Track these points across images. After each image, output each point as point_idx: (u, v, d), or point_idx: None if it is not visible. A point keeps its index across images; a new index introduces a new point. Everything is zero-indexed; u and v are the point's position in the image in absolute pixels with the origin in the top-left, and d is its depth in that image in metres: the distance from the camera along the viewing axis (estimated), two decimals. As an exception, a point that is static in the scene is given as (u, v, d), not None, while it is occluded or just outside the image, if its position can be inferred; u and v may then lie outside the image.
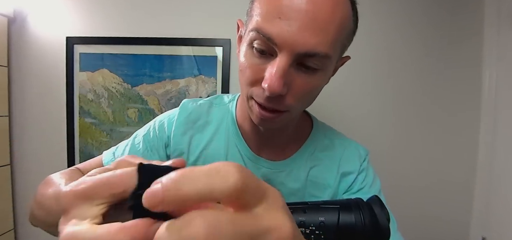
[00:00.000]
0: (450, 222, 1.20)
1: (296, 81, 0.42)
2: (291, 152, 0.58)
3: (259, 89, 0.43)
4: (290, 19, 0.38)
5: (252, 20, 0.43)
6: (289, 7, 0.39)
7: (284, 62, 0.40)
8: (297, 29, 0.38)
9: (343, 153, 0.59)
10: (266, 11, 0.40)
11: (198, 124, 0.58)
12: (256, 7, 0.43)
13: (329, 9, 0.39)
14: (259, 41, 0.41)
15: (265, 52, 0.42)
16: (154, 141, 0.58)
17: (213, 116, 0.60)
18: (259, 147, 0.57)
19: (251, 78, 0.44)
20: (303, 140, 0.59)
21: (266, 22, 0.40)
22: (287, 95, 0.43)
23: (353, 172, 0.58)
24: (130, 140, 0.60)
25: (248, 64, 0.44)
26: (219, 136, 0.58)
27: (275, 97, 0.42)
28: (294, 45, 0.39)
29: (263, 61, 0.42)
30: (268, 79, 0.40)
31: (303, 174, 0.57)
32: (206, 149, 0.57)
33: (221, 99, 0.63)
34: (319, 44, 0.39)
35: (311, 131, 0.61)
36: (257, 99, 0.45)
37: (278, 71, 0.40)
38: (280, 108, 0.44)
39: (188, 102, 0.61)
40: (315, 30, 0.39)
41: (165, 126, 0.59)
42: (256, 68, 0.43)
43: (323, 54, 0.40)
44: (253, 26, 0.42)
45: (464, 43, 1.16)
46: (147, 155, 0.57)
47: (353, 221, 0.36)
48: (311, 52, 0.40)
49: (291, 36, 0.39)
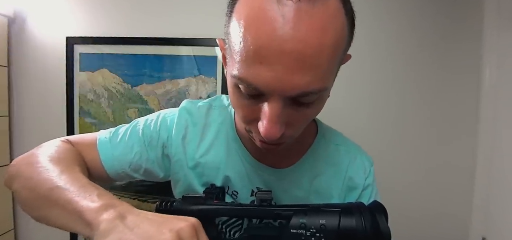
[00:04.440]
0: (450, 222, 1.20)
1: (293, 116, 0.39)
2: (294, 159, 0.56)
3: (256, 128, 0.40)
4: (273, 64, 0.33)
5: (232, 59, 0.38)
6: (269, 50, 0.33)
7: (276, 107, 0.36)
8: (284, 73, 0.33)
9: (349, 166, 0.57)
10: (245, 56, 0.35)
11: (197, 128, 0.56)
12: (234, 43, 0.37)
13: (316, 40, 0.33)
14: (244, 88, 0.37)
15: (253, 96, 0.38)
16: (153, 137, 0.56)
17: (212, 119, 0.58)
18: (260, 154, 0.55)
19: (246, 118, 0.42)
20: (307, 146, 0.57)
21: (246, 69, 0.35)
22: (286, 130, 0.40)
23: (358, 187, 0.57)
24: (129, 129, 0.57)
25: (239, 105, 0.41)
26: (219, 142, 0.56)
27: None
28: (284, 90, 0.35)
29: (254, 101, 0.38)
30: (263, 128, 0.37)
31: (307, 182, 0.55)
32: (206, 155, 0.55)
33: (221, 101, 0.61)
34: (311, 83, 0.35)
35: (315, 137, 0.59)
36: (257, 136, 0.42)
37: (272, 118, 0.36)
38: (281, 141, 0.42)
39: (188, 104, 0.59)
40: (303, 69, 0.34)
41: (167, 124, 0.57)
42: (249, 109, 0.40)
43: (318, 90, 0.36)
44: (235, 73, 0.37)
45: (464, 45, 1.16)
46: (143, 149, 0.55)
47: (354, 225, 0.36)
48: (303, 93, 0.36)
49: (278, 83, 0.34)
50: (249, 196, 0.55)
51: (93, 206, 0.33)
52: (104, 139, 0.55)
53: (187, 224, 0.31)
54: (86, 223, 0.32)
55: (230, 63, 0.40)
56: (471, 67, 1.16)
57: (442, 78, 1.18)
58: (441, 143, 1.20)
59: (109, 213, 0.32)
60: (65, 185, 0.37)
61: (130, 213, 0.32)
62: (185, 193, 0.47)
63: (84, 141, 0.55)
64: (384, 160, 1.18)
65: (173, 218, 0.32)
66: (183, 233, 0.30)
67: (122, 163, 0.54)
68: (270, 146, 0.43)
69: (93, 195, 0.35)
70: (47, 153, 0.45)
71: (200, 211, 0.42)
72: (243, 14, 0.35)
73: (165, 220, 0.31)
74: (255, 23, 0.33)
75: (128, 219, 0.31)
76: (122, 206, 0.33)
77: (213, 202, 0.45)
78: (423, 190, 1.22)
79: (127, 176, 0.56)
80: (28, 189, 0.41)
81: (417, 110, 1.20)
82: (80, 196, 0.35)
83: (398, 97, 1.21)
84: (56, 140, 0.51)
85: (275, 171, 0.55)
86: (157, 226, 0.30)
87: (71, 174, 0.40)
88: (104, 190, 0.37)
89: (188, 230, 0.31)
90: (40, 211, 0.39)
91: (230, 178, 0.55)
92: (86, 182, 0.38)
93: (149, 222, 0.31)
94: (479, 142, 1.15)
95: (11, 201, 1.37)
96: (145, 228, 0.30)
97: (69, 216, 0.35)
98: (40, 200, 0.39)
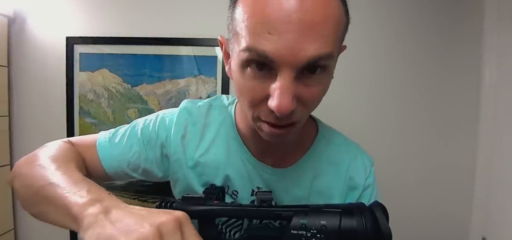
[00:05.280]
0: (450, 222, 1.20)
1: (304, 91, 0.39)
2: (295, 158, 0.56)
3: (266, 109, 0.40)
4: (283, 33, 0.35)
5: (239, 38, 0.39)
6: (278, 20, 0.35)
7: (288, 78, 0.37)
8: (294, 41, 0.35)
9: (349, 165, 0.57)
10: (254, 28, 0.36)
11: (197, 128, 0.56)
12: (240, 23, 0.38)
13: (322, 10, 0.36)
14: (255, 60, 0.38)
15: (263, 69, 0.38)
16: (152, 137, 0.56)
17: (212, 119, 0.58)
18: (261, 153, 0.55)
19: (254, 100, 0.41)
20: (307, 146, 0.57)
21: (256, 39, 0.36)
22: (297, 107, 0.40)
23: (359, 187, 0.57)
24: (129, 129, 0.57)
25: (247, 86, 0.41)
26: (219, 141, 0.56)
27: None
28: (294, 58, 0.36)
29: (263, 79, 0.39)
30: (276, 100, 0.37)
31: (308, 182, 0.55)
32: (206, 154, 0.55)
33: (221, 101, 0.61)
34: (320, 48, 0.36)
35: (315, 136, 0.59)
36: (266, 119, 0.42)
37: (284, 90, 0.37)
38: (292, 121, 0.42)
39: (188, 104, 0.59)
40: (313, 36, 0.35)
41: (166, 124, 0.57)
42: (257, 88, 0.40)
43: (327, 55, 0.37)
44: (244, 45, 0.38)
45: (464, 45, 1.15)
46: (142, 148, 0.55)
47: (355, 225, 0.36)
48: (313, 59, 0.37)
49: (289, 51, 0.35)
50: (250, 195, 0.55)
51: (80, 201, 0.33)
52: (103, 139, 0.56)
53: (170, 218, 0.30)
54: (73, 218, 0.32)
55: (236, 45, 0.40)
56: (471, 67, 1.15)
57: (442, 78, 1.18)
58: (441, 143, 1.20)
59: (95, 208, 0.31)
60: (58, 181, 0.37)
61: (115, 208, 0.32)
62: (185, 193, 0.47)
63: (84, 142, 0.55)
64: (384, 160, 1.18)
65: (157, 212, 0.31)
66: (163, 227, 0.29)
67: (120, 162, 0.55)
68: (280, 131, 0.43)
69: (83, 191, 0.35)
70: (46, 153, 0.46)
71: (200, 212, 0.42)
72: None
73: (149, 214, 0.31)
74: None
75: (113, 213, 0.31)
76: (109, 201, 0.33)
77: (213, 202, 0.45)
78: (423, 190, 1.22)
79: (126, 176, 0.56)
80: (25, 187, 0.42)
81: (417, 111, 1.20)
82: (70, 191, 0.35)
83: (398, 97, 1.21)
84: (57, 141, 0.51)
85: (276, 171, 0.55)
86: (139, 219, 0.30)
87: (66, 171, 0.40)
88: (96, 185, 0.37)
89: (170, 224, 0.30)
90: (37, 207, 0.40)
91: (230, 177, 0.55)
92: (79, 178, 0.38)
93: (131, 216, 0.30)
94: (479, 142, 1.15)
95: (11, 201, 1.37)
96: (126, 222, 0.29)
97: (59, 212, 0.35)
98: (35, 196, 0.39)
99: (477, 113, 1.15)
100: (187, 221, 0.32)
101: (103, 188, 0.36)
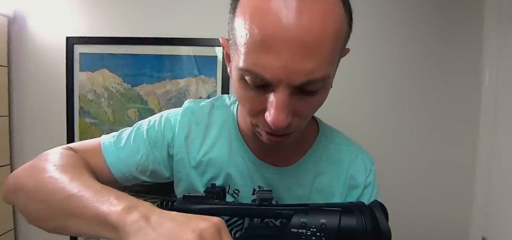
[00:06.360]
0: (450, 222, 1.20)
1: (299, 105, 0.40)
2: (296, 158, 0.56)
3: (263, 119, 0.40)
4: (279, 52, 0.34)
5: (238, 52, 0.39)
6: (274, 39, 0.34)
7: (283, 95, 0.37)
8: (289, 60, 0.35)
9: (350, 164, 0.58)
10: (251, 46, 0.36)
11: (200, 127, 0.57)
12: (239, 38, 0.38)
13: (319, 28, 0.35)
14: (250, 79, 0.38)
15: (261, 83, 0.38)
16: (158, 138, 0.56)
17: (215, 119, 0.58)
18: (262, 152, 0.55)
19: (253, 109, 0.42)
20: (308, 145, 0.58)
21: (252, 58, 0.36)
22: (293, 119, 0.40)
23: (359, 186, 0.57)
24: (133, 132, 0.57)
25: (245, 97, 0.42)
26: (222, 141, 0.56)
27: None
28: (289, 78, 0.36)
29: (260, 92, 0.39)
30: (271, 116, 0.38)
31: (308, 181, 0.56)
32: (208, 153, 0.55)
33: (223, 101, 0.61)
34: (315, 70, 0.36)
35: (317, 136, 0.59)
36: (264, 128, 0.43)
37: (280, 106, 0.37)
38: (289, 131, 0.43)
39: (191, 104, 0.59)
40: (308, 56, 0.35)
41: (171, 124, 0.57)
42: (255, 100, 0.40)
43: (322, 78, 0.37)
44: (241, 65, 0.38)
45: (464, 45, 1.16)
46: (149, 150, 0.55)
47: (355, 224, 0.36)
48: (308, 81, 0.37)
49: (284, 70, 0.35)
50: (251, 194, 0.55)
51: (115, 209, 0.33)
52: (108, 143, 0.55)
53: (210, 225, 0.31)
54: (112, 227, 0.33)
55: (235, 57, 0.40)
56: (471, 67, 1.16)
57: (442, 79, 1.18)
58: (441, 143, 1.20)
59: (133, 215, 0.32)
60: (79, 192, 0.37)
61: (153, 213, 0.33)
62: (187, 193, 0.47)
63: (87, 147, 0.54)
64: (384, 160, 1.18)
65: (196, 218, 0.32)
66: (205, 234, 0.30)
67: (129, 165, 0.54)
68: (277, 139, 0.44)
69: (111, 198, 0.35)
70: (51, 162, 0.44)
71: (200, 211, 0.42)
72: (248, 7, 0.37)
73: (188, 219, 0.32)
74: (260, 14, 0.35)
75: (152, 219, 0.32)
76: (143, 207, 0.34)
77: (214, 201, 0.45)
78: (423, 189, 1.22)
79: (134, 179, 0.56)
80: (37, 202, 0.40)
81: (417, 111, 1.20)
82: (98, 201, 0.35)
83: (398, 97, 1.21)
84: (57, 149, 0.50)
85: (277, 170, 0.55)
86: (180, 225, 0.30)
87: (82, 181, 0.40)
88: (119, 192, 0.37)
89: (211, 231, 0.31)
90: (55, 222, 0.39)
91: (232, 176, 0.55)
92: (99, 187, 0.38)
93: (172, 222, 0.31)
94: (479, 142, 1.15)
95: (11, 201, 1.37)
96: (168, 228, 0.30)
97: (90, 222, 0.35)
98: (53, 211, 0.38)
99: (477, 113, 1.15)
100: (225, 227, 0.33)
101: (127, 194, 0.37)
